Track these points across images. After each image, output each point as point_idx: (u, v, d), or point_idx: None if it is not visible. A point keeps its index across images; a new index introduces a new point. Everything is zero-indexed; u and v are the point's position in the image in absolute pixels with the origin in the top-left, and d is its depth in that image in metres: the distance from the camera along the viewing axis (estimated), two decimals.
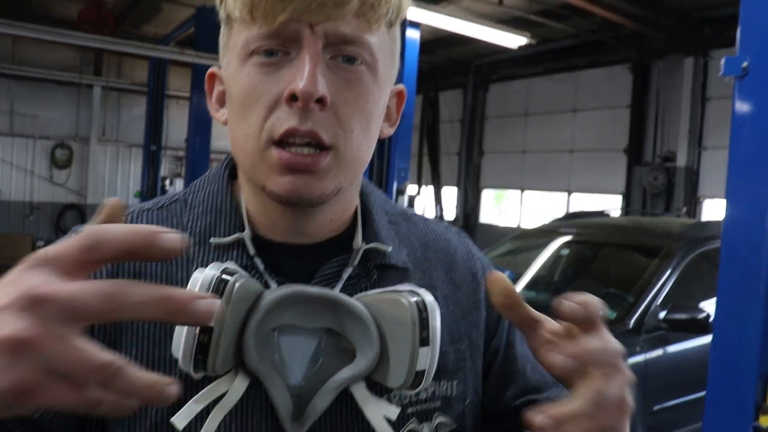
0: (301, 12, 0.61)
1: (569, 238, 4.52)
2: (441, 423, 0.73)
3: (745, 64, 1.91)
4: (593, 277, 4.35)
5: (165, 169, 13.11)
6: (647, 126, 10.21)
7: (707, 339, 3.16)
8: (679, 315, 3.42)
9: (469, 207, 13.48)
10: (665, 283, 3.67)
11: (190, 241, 0.71)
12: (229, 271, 0.60)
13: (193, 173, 8.46)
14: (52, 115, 12.77)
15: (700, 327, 3.34)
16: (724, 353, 1.97)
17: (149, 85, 10.69)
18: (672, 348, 3.53)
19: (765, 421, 1.91)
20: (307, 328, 0.65)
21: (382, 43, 0.68)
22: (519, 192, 12.63)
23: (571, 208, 11.04)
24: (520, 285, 4.19)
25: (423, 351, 0.63)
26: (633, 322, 3.46)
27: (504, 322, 0.84)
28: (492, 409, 0.83)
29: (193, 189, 0.76)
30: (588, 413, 0.53)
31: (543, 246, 4.51)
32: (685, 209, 9.04)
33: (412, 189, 11.46)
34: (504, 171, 12.89)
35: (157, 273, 0.69)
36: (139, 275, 0.69)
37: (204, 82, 0.77)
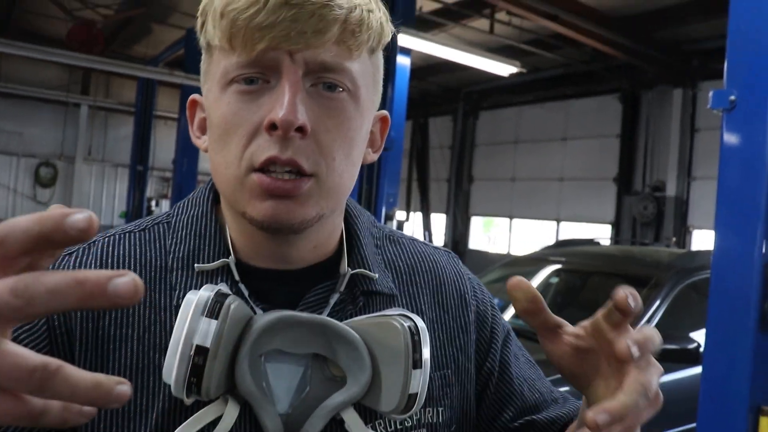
0: (280, 40, 0.61)
1: (559, 267, 4.54)
2: None
3: (732, 98, 1.94)
4: (582, 306, 4.36)
5: (151, 190, 13.08)
6: (637, 155, 10.33)
7: (697, 370, 3.16)
8: (669, 345, 3.42)
9: (458, 234, 13.51)
10: (655, 313, 3.68)
11: (174, 265, 0.70)
12: (222, 293, 0.60)
13: (180, 194, 8.44)
14: (37, 133, 12.75)
15: (690, 358, 3.35)
16: (714, 385, 1.97)
17: (137, 105, 10.71)
18: (662, 378, 3.53)
19: None
20: (294, 354, 0.65)
21: (364, 69, 0.68)
22: (508, 220, 12.69)
23: (561, 237, 11.09)
24: (509, 313, 4.20)
25: (415, 373, 0.64)
26: None
27: (497, 342, 0.84)
28: (490, 431, 0.83)
29: (177, 211, 0.76)
30: (639, 406, 0.54)
31: (532, 274, 4.53)
32: (674, 239, 9.11)
33: (400, 215, 11.49)
34: (493, 198, 12.95)
35: (142, 299, 0.68)
36: None
37: None
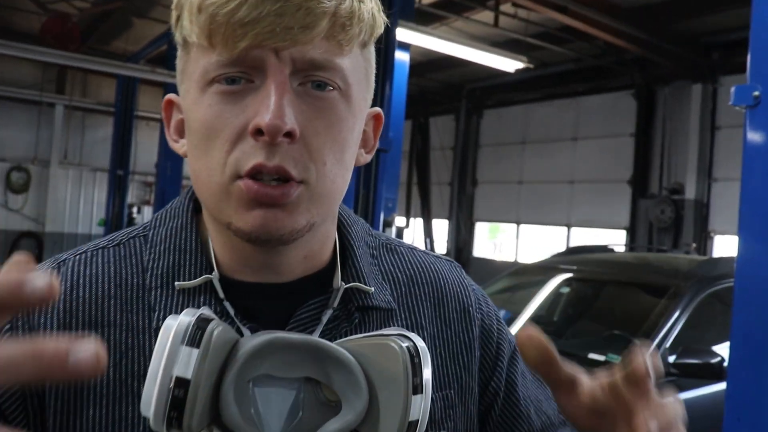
0: (265, 37, 0.59)
1: (570, 275, 4.52)
2: None
3: (756, 93, 1.92)
4: (596, 318, 4.34)
5: (132, 196, 13.07)
6: (653, 156, 10.34)
7: (721, 386, 3.14)
8: (690, 359, 3.41)
9: (462, 240, 13.51)
10: (674, 324, 3.66)
11: (152, 283, 0.69)
12: (204, 318, 0.59)
13: (163, 200, 8.43)
14: (8, 135, 12.72)
15: (713, 373, 3.33)
16: (740, 403, 1.95)
17: (117, 105, 10.70)
18: (683, 395, 3.51)
19: None
20: (285, 378, 0.64)
21: (355, 65, 0.66)
22: (515, 225, 12.69)
23: (572, 243, 11.09)
24: (517, 325, 4.18)
25: (416, 399, 0.62)
26: None
27: (503, 360, 0.83)
28: None
29: (154, 223, 0.74)
30: None
31: (542, 283, 4.50)
32: (694, 245, 9.10)
33: (400, 221, 11.48)
34: (499, 203, 12.96)
35: (117, 322, 0.67)
36: (96, 325, 0.67)
37: None
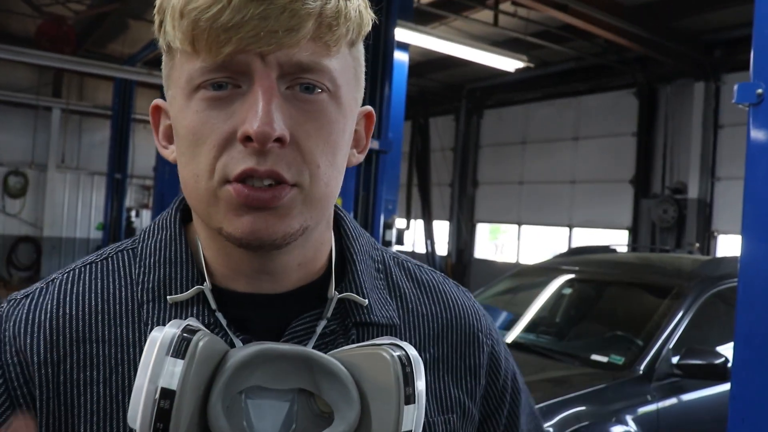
0: (249, 41, 0.58)
1: (572, 276, 4.52)
2: None
3: (759, 91, 1.90)
4: (598, 319, 4.34)
5: (130, 200, 13.07)
6: (655, 155, 10.33)
7: (725, 387, 3.14)
8: (693, 360, 3.40)
9: (463, 242, 13.51)
10: (677, 325, 3.66)
11: (144, 297, 0.69)
12: (190, 329, 0.59)
13: (162, 204, 8.43)
14: (5, 140, 12.72)
15: (717, 374, 3.33)
16: (745, 404, 1.94)
17: (114, 108, 10.73)
18: (687, 397, 3.51)
19: None
20: (278, 389, 0.63)
21: (344, 65, 0.66)
22: (516, 226, 12.69)
23: (573, 244, 11.08)
24: (519, 327, 4.17)
25: (408, 409, 0.61)
26: (643, 368, 3.44)
27: (507, 393, 0.82)
28: None
29: (142, 236, 0.74)
30: None
31: (543, 284, 4.50)
32: (697, 245, 9.09)
33: (400, 222, 11.49)
34: (500, 203, 12.95)
35: (106, 337, 0.67)
36: (83, 341, 0.67)
37: None
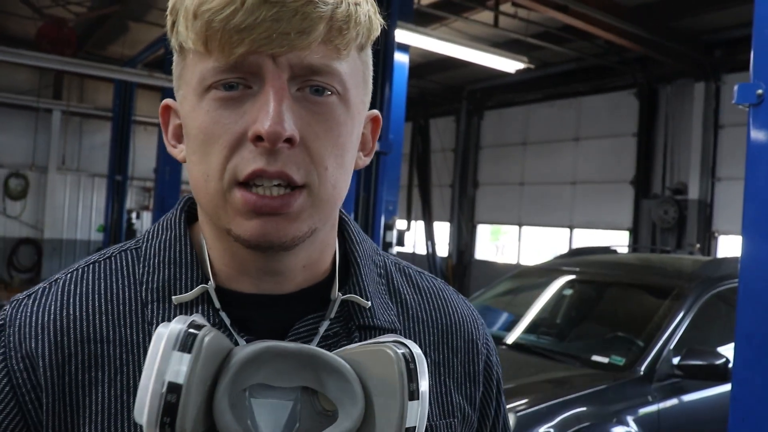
0: (262, 43, 0.60)
1: (572, 277, 4.52)
2: None
3: (760, 91, 1.91)
4: (599, 320, 4.33)
5: (131, 202, 13.06)
6: (656, 156, 10.32)
7: (726, 388, 3.14)
8: (694, 361, 3.40)
9: (463, 243, 13.49)
10: (678, 326, 3.66)
11: (148, 297, 0.69)
12: (196, 325, 0.59)
13: (162, 206, 8.43)
14: (6, 142, 12.72)
15: (718, 374, 3.33)
16: (745, 405, 1.94)
17: (114, 110, 10.72)
18: (688, 397, 3.51)
19: None
20: (282, 387, 0.64)
21: (353, 69, 0.67)
22: (517, 227, 12.68)
23: (574, 245, 11.07)
24: (520, 328, 4.18)
25: (412, 405, 0.62)
26: (644, 368, 3.44)
27: (496, 401, 0.83)
28: None
29: (147, 237, 0.74)
30: None
31: (544, 285, 4.50)
32: (698, 245, 9.09)
33: (401, 223, 11.48)
34: (500, 204, 12.93)
35: (110, 337, 0.68)
36: (88, 341, 0.67)
37: None
